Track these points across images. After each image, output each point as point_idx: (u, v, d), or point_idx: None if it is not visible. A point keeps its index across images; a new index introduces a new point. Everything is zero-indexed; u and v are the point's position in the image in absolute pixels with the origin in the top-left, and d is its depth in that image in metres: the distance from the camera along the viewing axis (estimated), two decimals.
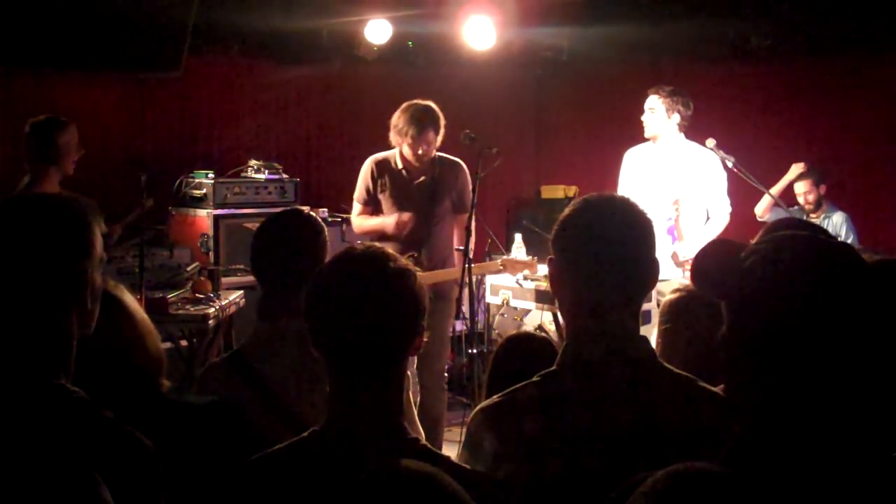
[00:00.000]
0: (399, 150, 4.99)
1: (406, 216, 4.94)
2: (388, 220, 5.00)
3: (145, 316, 2.30)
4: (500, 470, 1.75)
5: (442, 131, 4.92)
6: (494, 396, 1.83)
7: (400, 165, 5.02)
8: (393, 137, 4.96)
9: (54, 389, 1.63)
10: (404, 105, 4.96)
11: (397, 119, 4.92)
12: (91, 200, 4.68)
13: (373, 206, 5.09)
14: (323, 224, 2.82)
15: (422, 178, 5.01)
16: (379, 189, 5.04)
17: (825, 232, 1.42)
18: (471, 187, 5.02)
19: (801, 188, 6.56)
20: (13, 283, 1.66)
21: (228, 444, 2.04)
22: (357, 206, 5.16)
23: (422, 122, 4.85)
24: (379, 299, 1.70)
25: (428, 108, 4.90)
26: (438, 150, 5.01)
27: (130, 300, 2.27)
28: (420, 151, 4.88)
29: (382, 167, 5.05)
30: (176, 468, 1.97)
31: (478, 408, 1.84)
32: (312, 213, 2.92)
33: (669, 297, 2.70)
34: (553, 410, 1.78)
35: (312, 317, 1.74)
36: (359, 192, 5.13)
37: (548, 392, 1.80)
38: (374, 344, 1.69)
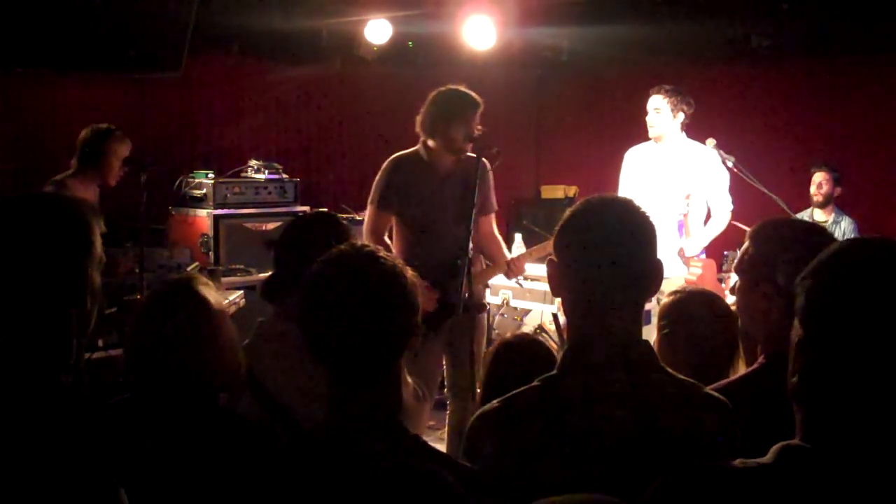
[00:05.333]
0: (428, 144, 4.49)
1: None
2: None
3: (224, 321, 2.30)
4: (500, 475, 1.75)
5: None
6: (494, 401, 1.83)
7: (428, 161, 4.52)
8: (437, 125, 4.44)
9: (56, 388, 1.63)
10: (442, 91, 4.51)
11: (446, 99, 4.46)
12: (90, 202, 4.73)
13: (393, 211, 4.50)
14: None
15: (452, 175, 4.53)
16: (404, 189, 4.50)
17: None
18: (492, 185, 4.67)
19: (818, 178, 6.61)
20: (14, 281, 1.66)
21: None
22: (373, 210, 4.51)
23: (477, 97, 4.50)
24: (372, 300, 1.69)
25: None
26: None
27: (217, 302, 2.28)
28: (476, 131, 4.47)
29: (408, 164, 4.53)
30: (180, 468, 1.98)
31: (477, 413, 1.84)
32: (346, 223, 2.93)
33: (668, 298, 2.69)
34: (553, 415, 1.77)
35: (306, 320, 1.74)
36: (381, 196, 4.49)
37: (548, 397, 1.79)
38: (369, 345, 1.69)
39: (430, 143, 4.49)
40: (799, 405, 1.39)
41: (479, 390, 2.78)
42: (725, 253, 5.82)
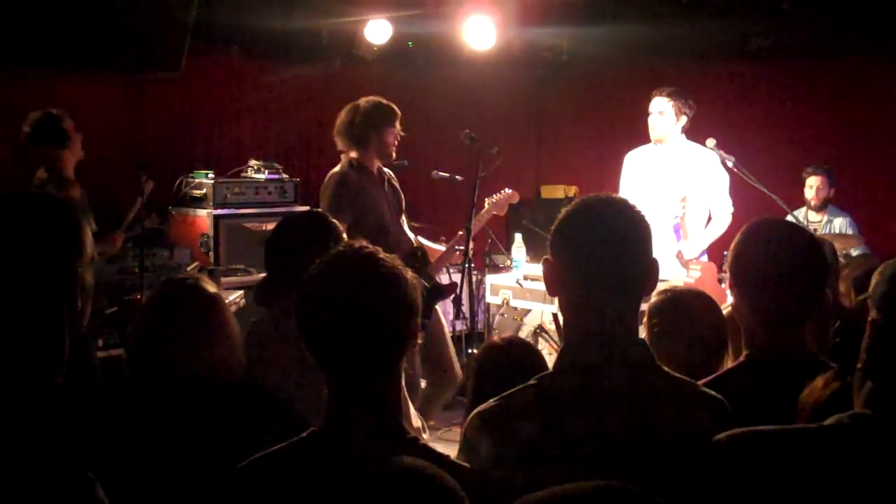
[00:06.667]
0: (356, 156, 4.80)
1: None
2: None
3: (231, 316, 2.31)
4: (498, 475, 1.74)
5: None
6: (491, 401, 1.82)
7: (365, 170, 4.84)
8: (369, 136, 4.76)
9: (49, 388, 1.62)
10: (363, 102, 4.83)
11: (375, 110, 4.76)
12: (80, 200, 4.70)
13: (348, 219, 4.59)
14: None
15: (382, 180, 4.90)
16: (359, 196, 4.74)
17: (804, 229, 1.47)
18: None
19: (814, 182, 6.59)
20: (4, 281, 1.65)
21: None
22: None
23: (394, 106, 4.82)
24: (372, 302, 1.68)
25: None
26: (438, 151, 5.00)
27: (222, 303, 2.29)
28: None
29: (360, 172, 4.82)
30: (176, 468, 1.98)
31: (474, 412, 1.83)
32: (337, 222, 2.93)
33: (656, 297, 2.69)
34: (550, 414, 1.76)
35: (305, 322, 1.72)
36: (338, 204, 4.65)
37: (544, 396, 1.79)
38: (369, 347, 1.68)
39: (358, 153, 4.78)
40: (870, 379, 1.51)
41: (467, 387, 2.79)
42: (726, 253, 5.81)
